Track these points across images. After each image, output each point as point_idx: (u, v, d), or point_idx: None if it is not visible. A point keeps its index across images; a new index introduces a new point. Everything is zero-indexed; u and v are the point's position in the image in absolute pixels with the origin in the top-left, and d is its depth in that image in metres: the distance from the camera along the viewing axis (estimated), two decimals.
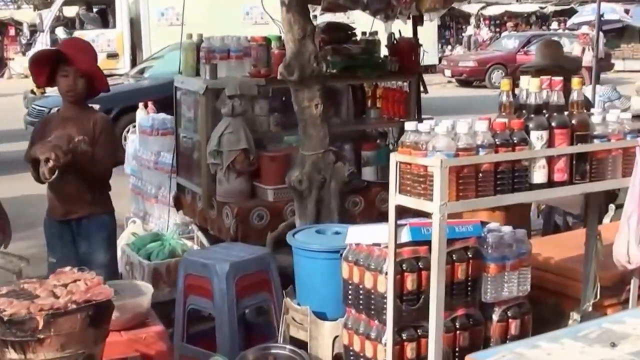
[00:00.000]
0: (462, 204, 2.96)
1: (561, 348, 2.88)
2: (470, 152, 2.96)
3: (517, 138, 3.07)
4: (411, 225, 3.37)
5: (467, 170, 2.94)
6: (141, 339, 3.65)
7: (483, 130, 3.00)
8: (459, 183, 2.94)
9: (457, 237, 3.48)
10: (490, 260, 3.53)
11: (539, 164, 3.10)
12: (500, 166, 3.03)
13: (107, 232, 4.78)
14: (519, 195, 3.10)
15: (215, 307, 4.48)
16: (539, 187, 3.13)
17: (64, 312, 2.94)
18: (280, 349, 4.01)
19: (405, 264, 3.36)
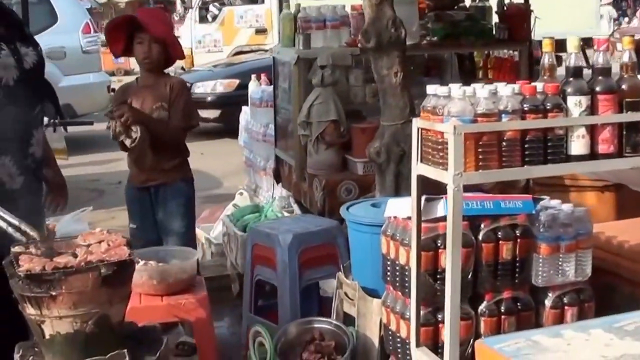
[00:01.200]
0: (482, 174, 2.70)
1: (586, 338, 2.58)
2: (491, 118, 2.70)
3: (550, 104, 2.77)
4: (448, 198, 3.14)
5: (488, 138, 2.68)
6: (180, 305, 3.61)
7: (507, 94, 2.73)
8: (479, 152, 2.68)
9: (503, 213, 3.21)
10: (542, 240, 3.24)
11: (578, 133, 2.79)
12: (529, 134, 2.74)
13: (183, 199, 4.78)
14: (553, 167, 2.80)
15: (278, 279, 4.39)
16: (578, 159, 2.82)
17: (75, 270, 2.92)
18: (324, 323, 3.86)
19: (441, 240, 3.13)
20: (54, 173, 4.06)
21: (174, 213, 4.75)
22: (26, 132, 3.72)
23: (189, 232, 4.85)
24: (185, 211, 4.80)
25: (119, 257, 3.01)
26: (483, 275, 3.20)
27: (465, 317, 3.18)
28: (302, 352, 3.72)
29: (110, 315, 3.05)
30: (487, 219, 3.19)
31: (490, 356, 2.53)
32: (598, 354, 2.45)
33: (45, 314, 2.96)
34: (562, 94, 2.81)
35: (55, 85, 11.49)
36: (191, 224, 4.90)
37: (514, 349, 2.50)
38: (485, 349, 2.56)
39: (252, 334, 3.77)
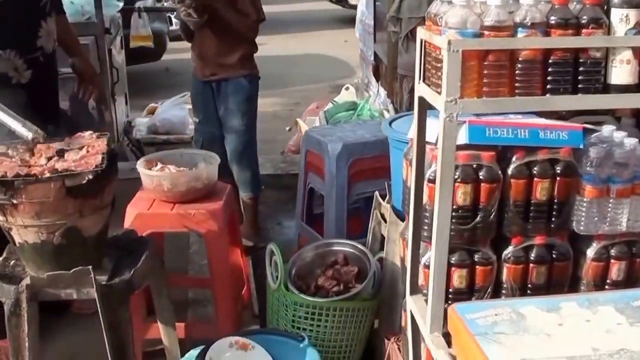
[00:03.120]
0: (485, 103, 2.18)
1: (587, 319, 2.09)
2: (502, 33, 2.14)
3: (587, 17, 2.17)
4: (472, 123, 2.62)
5: (496, 58, 2.14)
6: (190, 215, 3.31)
7: (529, 2, 2.15)
8: (483, 74, 2.15)
9: (542, 145, 2.66)
10: (588, 180, 2.67)
11: (621, 57, 2.19)
12: (554, 55, 2.17)
13: (243, 96, 4.49)
14: (584, 98, 2.23)
15: (325, 189, 4.02)
16: (620, 89, 2.23)
17: (36, 179, 2.67)
18: (349, 247, 3.47)
19: (458, 172, 2.63)
20: (81, 61, 3.84)
21: (234, 110, 4.49)
22: (32, 24, 3.49)
23: (248, 130, 4.56)
24: (246, 109, 4.52)
25: (85, 167, 2.72)
26: (510, 217, 2.69)
27: (484, 263, 2.70)
28: (320, 277, 3.36)
29: (80, 228, 2.80)
30: (521, 151, 2.65)
31: (457, 326, 2.08)
32: (590, 344, 1.95)
33: (11, 221, 2.77)
34: (607, 5, 2.20)
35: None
36: (251, 122, 4.60)
37: (486, 324, 2.04)
38: (454, 316, 2.11)
39: (268, 252, 3.43)
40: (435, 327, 2.30)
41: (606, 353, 1.90)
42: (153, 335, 3.41)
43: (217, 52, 4.48)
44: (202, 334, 3.44)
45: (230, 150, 4.59)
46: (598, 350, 1.91)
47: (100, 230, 2.89)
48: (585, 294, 2.25)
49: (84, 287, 2.78)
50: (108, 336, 2.77)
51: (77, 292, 2.80)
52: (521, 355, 1.91)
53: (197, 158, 3.61)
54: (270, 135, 7.20)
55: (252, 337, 3.12)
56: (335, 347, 3.24)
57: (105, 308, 2.76)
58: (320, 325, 3.19)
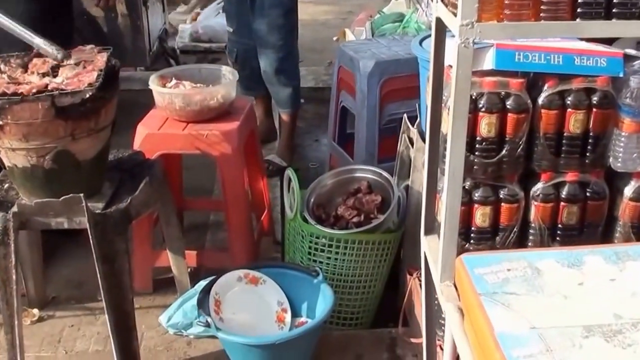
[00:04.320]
0: (505, 27, 1.88)
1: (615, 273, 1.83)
2: None
3: None
4: (500, 47, 2.32)
5: None
6: (202, 136, 3.10)
7: None
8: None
9: (577, 73, 2.36)
10: (628, 113, 2.37)
11: None
12: None
13: (280, 10, 4.21)
14: (622, 24, 1.91)
15: (356, 108, 3.76)
16: None
17: (22, 99, 2.47)
18: (373, 174, 3.22)
19: (483, 100, 2.36)
20: None
21: (270, 24, 4.21)
22: None
23: (285, 46, 4.27)
24: (283, 23, 4.23)
25: (78, 85, 2.51)
26: (540, 150, 2.42)
27: (510, 200, 2.45)
28: (340, 206, 3.12)
29: (73, 152, 2.61)
30: (553, 79, 2.36)
31: (463, 282, 1.84)
32: (612, 309, 1.69)
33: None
34: None
35: None
36: (290, 38, 4.30)
37: (496, 282, 1.80)
38: (461, 270, 1.87)
39: (285, 177, 3.21)
40: (446, 275, 2.06)
41: (630, 321, 1.64)
42: (164, 263, 3.24)
43: None
44: (215, 263, 3.27)
45: (265, 66, 4.33)
46: (621, 317, 1.66)
47: (98, 154, 2.70)
48: (614, 246, 1.97)
49: (75, 216, 2.60)
50: (101, 270, 2.61)
51: (68, 221, 2.62)
52: (530, 321, 1.66)
53: (217, 74, 3.37)
54: (319, 45, 6.91)
55: (264, 270, 2.94)
56: (354, 282, 3.04)
57: (98, 239, 2.59)
58: (337, 258, 2.98)
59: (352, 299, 3.06)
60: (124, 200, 2.67)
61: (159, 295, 3.35)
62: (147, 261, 3.31)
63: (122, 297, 2.68)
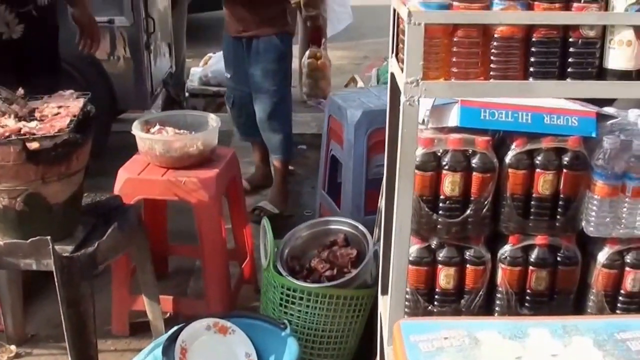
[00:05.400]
0: (453, 86, 1.86)
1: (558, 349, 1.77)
2: (474, 4, 1.81)
3: None
4: (465, 104, 2.29)
5: (466, 33, 1.82)
6: (180, 182, 3.09)
7: None
8: (453, 52, 1.83)
9: (547, 132, 2.32)
10: (600, 175, 2.33)
11: (620, 37, 1.84)
12: (537, 33, 1.83)
13: (274, 55, 4.23)
14: (575, 84, 1.89)
15: (343, 158, 3.74)
16: (618, 76, 1.87)
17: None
18: (349, 226, 3.19)
19: (447, 159, 2.32)
20: (80, 13, 3.64)
21: (264, 70, 4.25)
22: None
23: (279, 91, 4.29)
24: (277, 69, 4.25)
25: (47, 131, 2.53)
26: (507, 211, 2.38)
27: (475, 262, 2.40)
28: (314, 258, 3.09)
29: (44, 195, 2.62)
30: (521, 138, 2.33)
31: (397, 349, 1.79)
32: None
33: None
34: None
35: None
36: (283, 84, 4.33)
37: (430, 350, 1.75)
38: (397, 336, 1.82)
39: (262, 227, 3.18)
40: (390, 339, 2.02)
41: None
42: (142, 307, 3.22)
43: (248, 8, 4.22)
44: (191, 310, 3.24)
45: (259, 111, 4.35)
46: None
47: (69, 198, 2.70)
48: (565, 319, 1.91)
49: (43, 258, 2.61)
50: (65, 313, 2.60)
51: (36, 263, 2.63)
52: None
53: (202, 120, 3.38)
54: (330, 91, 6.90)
55: (235, 320, 2.90)
56: (325, 336, 2.98)
57: (64, 282, 2.58)
58: (308, 312, 2.93)
59: (323, 354, 3.01)
60: (93, 244, 2.66)
61: (136, 338, 3.34)
62: (125, 304, 3.30)
63: (86, 341, 2.67)
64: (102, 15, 4.53)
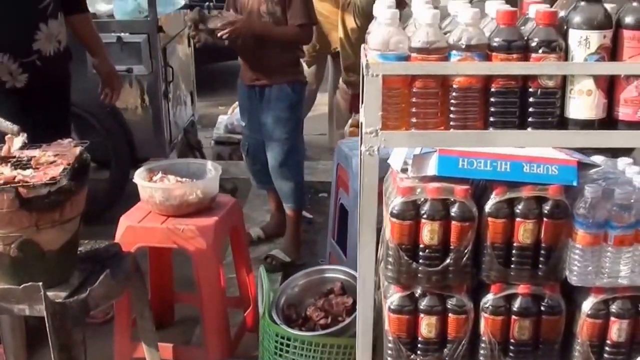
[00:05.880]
0: (412, 136, 1.88)
1: None
2: (432, 55, 1.83)
3: (537, 40, 1.84)
4: (443, 153, 2.30)
5: (424, 84, 1.84)
6: (179, 230, 3.13)
7: (467, 21, 1.83)
8: (412, 103, 1.85)
9: (526, 181, 2.32)
10: (581, 224, 2.32)
11: (580, 87, 1.84)
12: (496, 84, 1.84)
13: (285, 103, 4.30)
14: (535, 134, 1.89)
15: (350, 208, 3.76)
16: (579, 124, 1.87)
17: None
18: (347, 275, 3.19)
19: (426, 207, 2.33)
20: (100, 62, 3.73)
21: (275, 117, 4.32)
22: (27, 27, 3.40)
23: (290, 139, 4.34)
24: (288, 117, 4.31)
25: (40, 179, 2.60)
26: (488, 260, 2.37)
27: (457, 311, 2.40)
28: (310, 306, 3.10)
29: (38, 241, 2.68)
30: (501, 186, 2.33)
31: None
32: None
33: None
34: (565, 25, 1.85)
35: None
36: (294, 132, 4.38)
37: None
38: None
39: (258, 275, 3.21)
40: None
41: None
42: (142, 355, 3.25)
43: (260, 58, 4.29)
44: (189, 358, 3.26)
45: (270, 159, 4.39)
46: None
47: (64, 245, 2.76)
48: None
49: (36, 304, 2.66)
50: (57, 358, 2.63)
51: (29, 308, 2.68)
52: None
53: (204, 169, 3.43)
54: None
55: None
56: None
57: (56, 328, 2.63)
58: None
59: None
60: (86, 291, 2.71)
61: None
62: (126, 352, 3.33)
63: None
64: (121, 64, 4.63)
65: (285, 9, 4.18)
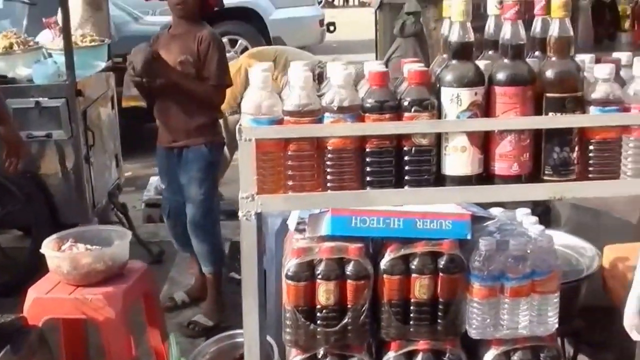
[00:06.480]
0: (289, 199, 1.87)
1: None
2: (304, 118, 1.84)
3: (409, 99, 1.85)
4: (335, 213, 2.30)
5: (298, 147, 1.84)
6: (87, 300, 3.07)
7: (339, 83, 1.84)
8: (288, 165, 1.85)
9: (420, 237, 2.33)
10: (476, 277, 2.33)
11: (454, 144, 1.86)
12: (370, 144, 1.85)
13: (202, 164, 4.27)
14: (414, 192, 1.90)
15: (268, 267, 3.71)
16: (455, 181, 1.89)
17: None
18: None
19: (321, 267, 2.32)
20: (5, 131, 3.67)
21: (193, 178, 4.28)
22: None
23: (207, 200, 4.31)
24: (204, 177, 4.28)
25: None
26: (386, 318, 2.37)
27: None
28: None
29: None
30: (395, 243, 2.33)
31: None
32: None
33: None
34: (437, 83, 1.87)
35: (267, 17, 11.34)
36: (210, 192, 4.34)
37: None
38: None
39: (168, 343, 3.15)
40: None
41: None
42: None
43: (178, 120, 4.27)
44: None
45: (189, 221, 4.35)
46: None
47: None
48: None
49: None
50: None
51: None
52: None
53: (116, 235, 3.38)
54: None
55: None
56: None
57: None
58: None
59: None
60: None
61: None
62: None
63: None
64: (40, 129, 4.59)
65: (200, 70, 4.18)
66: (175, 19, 4.32)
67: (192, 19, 4.26)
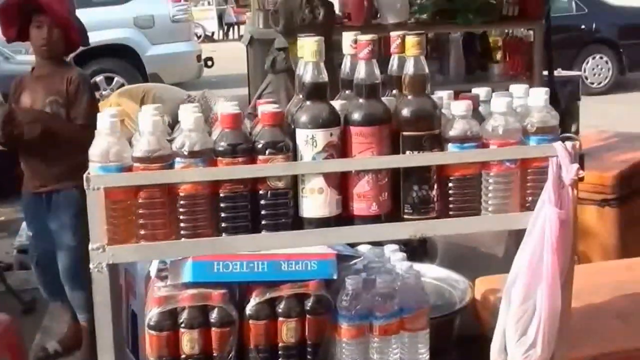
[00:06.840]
0: (141, 249, 1.79)
1: None
2: (154, 164, 1.77)
3: (263, 141, 1.81)
4: (196, 259, 2.22)
5: (149, 195, 1.76)
6: None
7: (189, 126, 1.78)
8: (140, 214, 1.77)
9: (284, 280, 2.27)
10: (344, 318, 2.28)
11: (311, 185, 1.82)
12: (224, 188, 1.79)
13: (74, 209, 4.10)
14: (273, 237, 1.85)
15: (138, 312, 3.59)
16: (315, 223, 1.85)
17: None
18: None
19: (183, 316, 2.23)
20: None
21: (65, 225, 4.13)
22: None
23: (80, 247, 4.12)
24: (77, 223, 4.11)
25: None
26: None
27: None
28: None
29: None
30: (259, 287, 2.27)
31: None
32: None
33: None
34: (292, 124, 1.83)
35: (143, 54, 11.19)
36: (84, 238, 4.17)
37: None
38: None
39: None
40: None
41: None
42: None
43: (45, 163, 4.12)
44: None
45: (61, 269, 4.19)
46: None
47: None
48: None
49: None
50: None
51: None
52: None
53: None
54: None
55: None
56: None
57: None
58: None
59: None
60: None
61: None
62: None
63: None
64: None
65: (69, 110, 4.06)
66: (40, 60, 4.20)
67: (57, 59, 4.16)
